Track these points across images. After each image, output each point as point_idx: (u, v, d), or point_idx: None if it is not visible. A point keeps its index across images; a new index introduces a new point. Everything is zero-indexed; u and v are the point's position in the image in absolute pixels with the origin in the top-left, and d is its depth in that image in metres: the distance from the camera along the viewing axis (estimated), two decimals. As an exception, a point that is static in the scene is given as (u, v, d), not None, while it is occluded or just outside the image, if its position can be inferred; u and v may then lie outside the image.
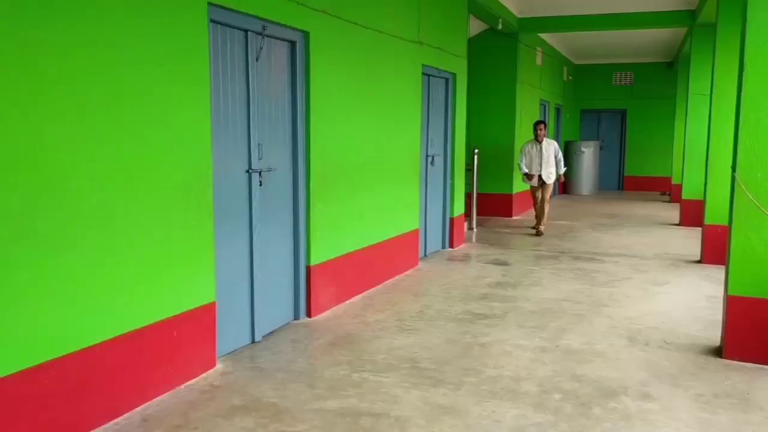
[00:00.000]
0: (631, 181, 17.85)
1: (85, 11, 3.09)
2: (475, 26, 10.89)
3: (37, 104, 2.87)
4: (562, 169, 9.85)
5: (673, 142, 14.79)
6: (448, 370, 4.14)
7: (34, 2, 2.84)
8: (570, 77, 16.84)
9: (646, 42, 14.19)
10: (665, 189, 16.22)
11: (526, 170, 9.74)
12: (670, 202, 14.58)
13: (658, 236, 9.79)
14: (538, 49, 13.17)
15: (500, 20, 10.04)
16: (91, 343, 3.20)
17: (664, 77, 16.89)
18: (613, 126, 18.08)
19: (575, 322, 5.25)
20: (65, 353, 3.06)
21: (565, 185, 16.76)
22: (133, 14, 3.37)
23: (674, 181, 14.19)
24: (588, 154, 16.36)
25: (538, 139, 9.67)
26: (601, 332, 4.98)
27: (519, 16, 11.22)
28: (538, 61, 13.29)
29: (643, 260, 7.87)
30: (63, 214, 3.02)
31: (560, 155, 9.78)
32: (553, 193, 14.42)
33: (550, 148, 9.71)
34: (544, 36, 13.34)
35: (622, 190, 17.93)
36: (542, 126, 9.72)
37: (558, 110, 15.92)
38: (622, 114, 17.83)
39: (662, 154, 16.81)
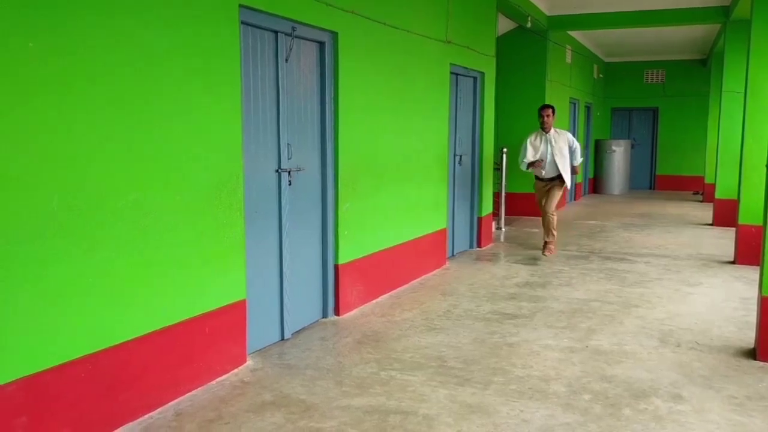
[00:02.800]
0: (663, 180, 17.56)
1: (121, 15, 3.16)
2: (504, 24, 10.84)
3: (74, 105, 2.95)
4: (578, 160, 8.01)
5: (706, 141, 14.53)
6: (475, 369, 4.14)
7: (72, 10, 2.91)
8: (600, 75, 16.64)
9: (679, 39, 13.95)
10: (698, 188, 15.93)
11: (531, 159, 7.90)
12: (702, 201, 14.31)
13: (691, 236, 9.63)
14: (568, 46, 13.05)
15: (529, 18, 9.98)
16: (126, 339, 3.28)
17: (697, 75, 16.59)
18: (645, 124, 17.81)
19: (605, 322, 5.20)
20: (101, 348, 3.14)
21: (595, 185, 16.59)
22: (166, 18, 3.43)
23: (707, 181, 13.94)
24: (619, 153, 16.15)
25: (544, 129, 7.83)
26: (631, 333, 4.93)
27: (548, 14, 11.14)
28: (568, 59, 13.17)
29: (675, 260, 7.76)
30: (99, 212, 3.09)
31: (576, 145, 7.95)
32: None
33: (561, 139, 7.87)
34: (573, 34, 13.21)
35: (654, 189, 17.65)
36: (549, 111, 7.77)
37: (588, 108, 15.75)
38: (654, 112, 17.56)
39: (695, 152, 16.52)
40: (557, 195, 8.02)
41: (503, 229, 9.99)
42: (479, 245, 8.51)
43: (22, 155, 2.73)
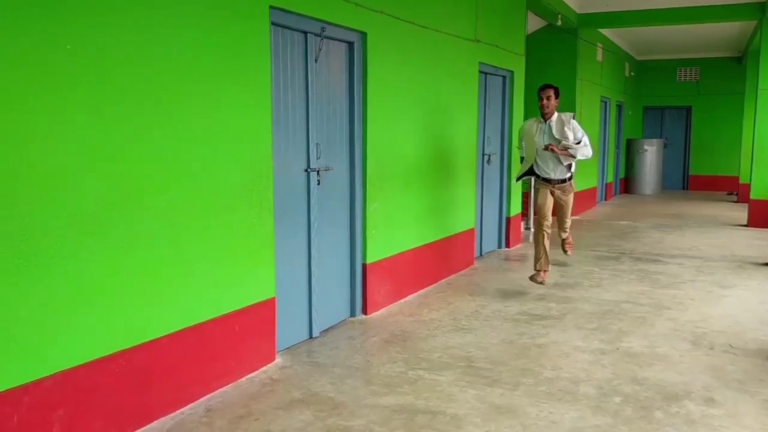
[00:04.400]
0: (696, 180, 17.25)
1: (153, 18, 3.22)
2: (534, 23, 10.75)
3: (109, 105, 3.01)
4: (583, 152, 5.83)
5: (741, 140, 14.24)
6: (504, 370, 4.12)
7: (108, 10, 2.97)
8: (632, 73, 16.40)
9: (713, 36, 13.68)
10: (732, 189, 15.61)
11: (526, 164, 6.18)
12: (737, 202, 14.03)
13: (725, 237, 9.44)
14: (599, 44, 12.89)
15: (559, 16, 9.88)
16: (159, 336, 3.34)
17: (731, 72, 16.25)
18: (678, 123, 17.50)
19: (636, 324, 5.13)
20: (134, 344, 3.20)
21: (626, 185, 16.35)
22: (197, 20, 3.49)
23: (742, 181, 13.66)
24: (651, 152, 15.90)
25: (544, 115, 5.92)
26: (663, 335, 4.85)
27: (579, 11, 11.01)
28: (599, 57, 13.00)
29: (708, 262, 7.61)
30: (133, 211, 3.15)
31: (584, 136, 5.87)
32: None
33: (566, 126, 5.84)
34: (604, 31, 13.04)
35: (687, 189, 17.34)
36: (550, 93, 5.89)
37: (619, 107, 15.53)
38: (687, 111, 17.25)
39: (729, 152, 16.19)
40: (569, 204, 6.11)
41: (532, 230, 9.90)
42: (508, 245, 8.46)
43: (60, 155, 2.80)
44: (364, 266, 5.27)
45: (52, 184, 2.77)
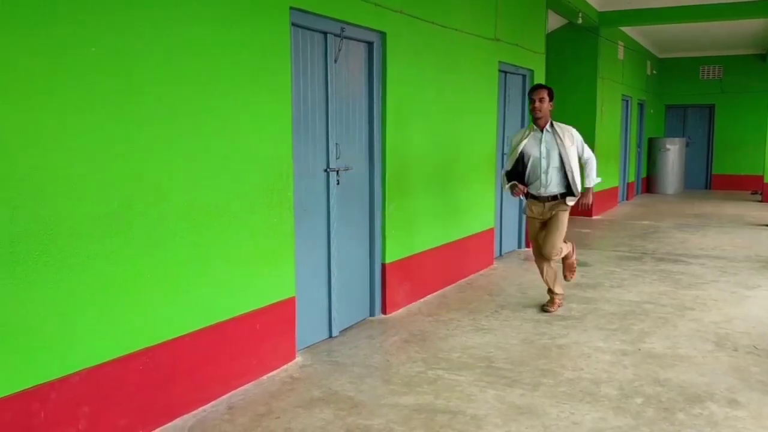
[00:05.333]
0: (719, 179, 17.01)
1: (176, 20, 3.26)
2: (554, 21, 10.68)
3: (133, 108, 3.06)
4: (595, 179, 5.29)
5: (765, 139, 14.01)
6: (524, 370, 4.11)
7: (132, 12, 3.02)
8: (654, 71, 16.23)
9: (737, 33, 13.49)
10: (756, 188, 15.36)
11: (509, 167, 5.34)
12: (761, 201, 13.81)
13: (748, 237, 9.30)
14: (620, 43, 12.77)
15: (580, 14, 9.81)
16: (181, 334, 3.38)
17: (755, 70, 16.00)
18: (700, 122, 17.27)
19: (658, 325, 5.08)
20: (157, 342, 3.25)
21: (648, 184, 16.18)
22: (219, 21, 3.52)
23: (766, 180, 13.44)
24: (673, 151, 15.71)
25: (536, 120, 5.12)
26: (685, 336, 4.80)
27: (600, 9, 10.92)
28: (620, 55, 12.89)
29: (732, 262, 7.51)
30: (156, 212, 3.20)
31: (588, 152, 5.24)
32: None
33: (566, 137, 5.13)
34: (626, 29, 12.91)
35: (710, 189, 17.11)
36: (543, 94, 5.07)
37: (641, 106, 15.38)
38: (710, 109, 17.01)
39: (753, 151, 15.92)
40: (561, 226, 5.15)
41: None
42: (528, 245, 8.42)
43: (86, 157, 2.85)
44: (383, 266, 5.28)
45: (77, 184, 2.82)
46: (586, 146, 5.28)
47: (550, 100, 5.16)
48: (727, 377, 4.00)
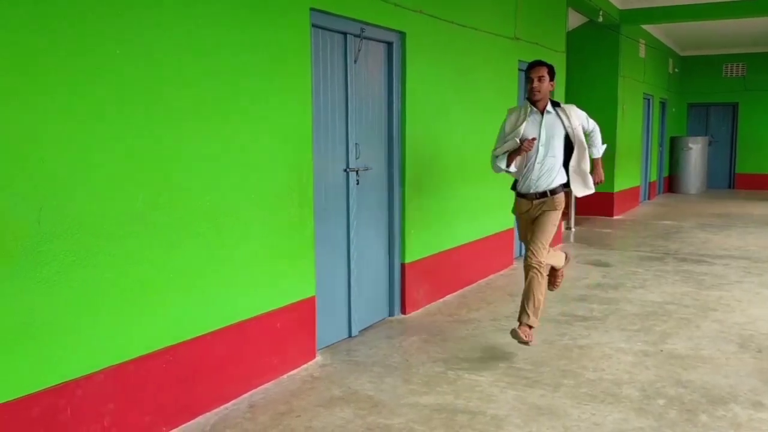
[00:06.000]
0: (743, 179, 16.75)
1: (199, 23, 3.29)
2: (574, 19, 10.61)
3: (156, 109, 3.10)
4: (600, 147, 4.69)
5: (791, 137, 13.79)
6: (545, 371, 4.09)
7: (157, 14, 3.06)
8: (676, 69, 16.04)
9: (761, 30, 13.28)
10: (782, 187, 15.13)
11: (507, 168, 4.50)
12: (787, 201, 13.60)
13: (774, 237, 9.17)
14: (641, 40, 12.64)
15: (601, 12, 9.73)
16: (203, 332, 3.41)
17: (781, 67, 15.76)
18: (724, 120, 17.03)
19: (681, 326, 5.03)
20: (180, 341, 3.28)
21: (670, 183, 15.99)
22: (241, 24, 3.55)
23: (792, 179, 13.23)
24: (696, 150, 15.52)
25: (534, 102, 4.39)
26: (708, 337, 4.75)
27: (621, 7, 10.83)
28: (641, 53, 12.76)
29: (756, 263, 7.40)
30: (179, 211, 3.23)
31: (593, 124, 4.62)
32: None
33: (573, 118, 4.40)
34: (647, 27, 12.78)
35: (733, 188, 16.87)
36: (543, 71, 4.35)
37: (663, 104, 15.21)
38: (734, 107, 16.77)
39: (779, 149, 15.69)
40: (550, 225, 4.40)
41: (573, 230, 9.79)
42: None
43: (111, 158, 2.89)
44: (402, 266, 5.29)
45: (102, 185, 2.87)
46: (589, 118, 4.59)
47: (551, 79, 4.39)
48: (751, 379, 3.95)
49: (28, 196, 2.59)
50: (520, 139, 4.31)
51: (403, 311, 5.34)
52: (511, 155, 4.40)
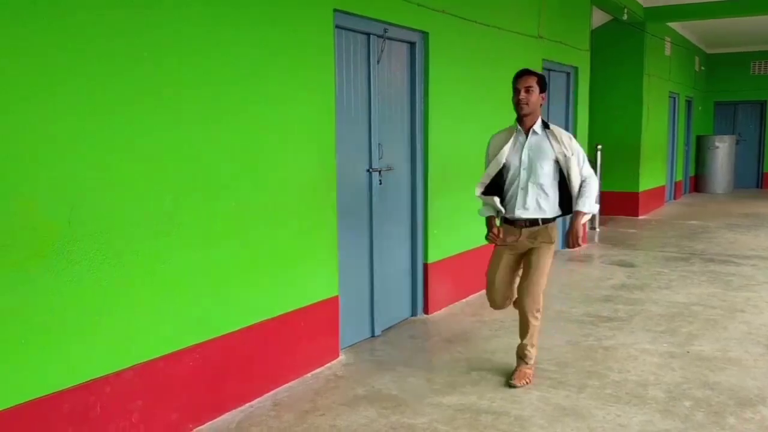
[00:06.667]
0: (771, 178, 16.47)
1: (224, 24, 3.33)
2: (598, 17, 10.51)
3: (182, 110, 3.14)
4: (592, 204, 3.82)
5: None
6: (569, 372, 4.07)
7: (187, 21, 3.10)
8: (702, 67, 15.80)
9: (791, 27, 13.03)
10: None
11: (490, 207, 4.00)
12: (818, 200, 13.33)
13: (804, 238, 9.00)
14: (667, 38, 12.48)
15: (625, 10, 9.63)
16: (229, 331, 3.45)
17: (811, 64, 15.44)
18: (752, 118, 16.73)
19: (708, 327, 4.97)
20: (207, 339, 3.33)
21: (696, 183, 15.76)
22: (266, 26, 3.58)
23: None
24: (722, 149, 15.27)
25: (522, 117, 3.84)
26: (736, 339, 4.68)
27: (645, 5, 10.70)
28: (667, 51, 12.59)
29: (786, 263, 7.28)
30: (206, 211, 3.28)
31: (589, 170, 3.85)
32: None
33: (563, 143, 3.79)
34: (672, 25, 12.61)
35: (761, 187, 16.56)
36: (532, 82, 3.78)
37: (689, 103, 15.00)
38: (762, 105, 16.46)
39: (809, 148, 15.38)
40: (543, 266, 3.84)
41: (597, 230, 9.70)
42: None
43: (140, 158, 2.94)
44: (425, 266, 5.29)
45: (131, 185, 2.92)
46: (586, 161, 3.85)
47: (542, 91, 3.80)
48: (781, 382, 3.89)
49: (60, 197, 2.64)
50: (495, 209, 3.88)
51: (426, 311, 5.34)
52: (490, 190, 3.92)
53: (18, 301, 2.52)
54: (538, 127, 3.84)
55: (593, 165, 9.12)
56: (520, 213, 3.84)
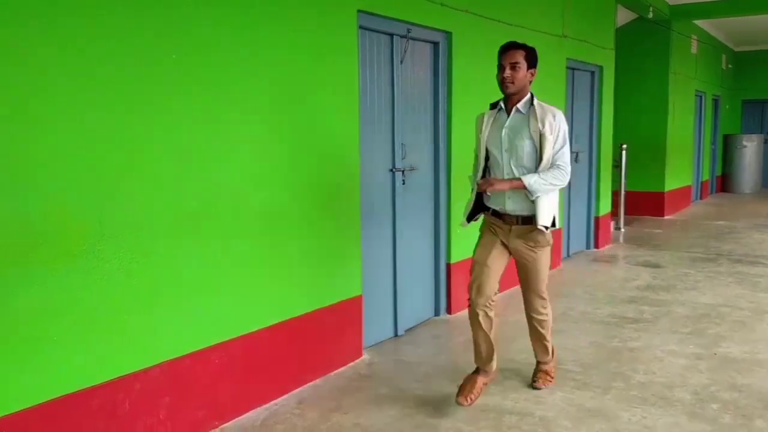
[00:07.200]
0: (801, 177, 16.14)
1: (248, 26, 3.37)
2: (623, 16, 10.40)
3: (208, 110, 3.18)
4: (540, 187, 3.35)
5: None
6: (594, 373, 4.04)
7: (214, 18, 3.14)
8: (729, 65, 15.54)
9: (822, 23, 12.77)
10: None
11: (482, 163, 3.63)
12: None
13: (835, 238, 8.82)
14: (693, 36, 12.31)
15: (651, 9, 9.51)
16: (255, 329, 3.49)
17: (843, 61, 15.11)
18: (781, 117, 16.43)
19: (735, 329, 4.89)
20: (232, 337, 3.36)
21: (723, 183, 15.51)
22: (291, 28, 3.61)
23: None
24: (750, 148, 15.01)
25: (507, 97, 3.50)
26: (765, 340, 4.60)
27: (671, 3, 10.56)
28: (693, 49, 12.42)
29: (817, 265, 7.14)
30: (232, 210, 3.32)
31: (563, 157, 3.41)
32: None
33: (545, 123, 3.36)
34: (699, 23, 12.43)
35: (791, 187, 16.27)
36: (518, 57, 3.42)
37: (716, 101, 14.77)
38: (792, 104, 16.17)
39: (841, 147, 15.04)
40: (542, 266, 3.56)
41: (622, 230, 9.60)
42: (596, 246, 8.24)
43: (168, 158, 2.99)
44: (448, 266, 5.29)
45: (159, 185, 2.96)
46: (566, 150, 3.39)
47: (530, 66, 3.41)
48: (812, 385, 3.82)
49: (90, 197, 2.70)
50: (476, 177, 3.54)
51: (449, 311, 5.33)
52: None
53: (49, 299, 2.57)
54: (522, 105, 3.42)
55: (618, 165, 9.09)
56: (506, 206, 3.43)
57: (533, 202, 3.38)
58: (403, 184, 4.76)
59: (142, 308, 2.92)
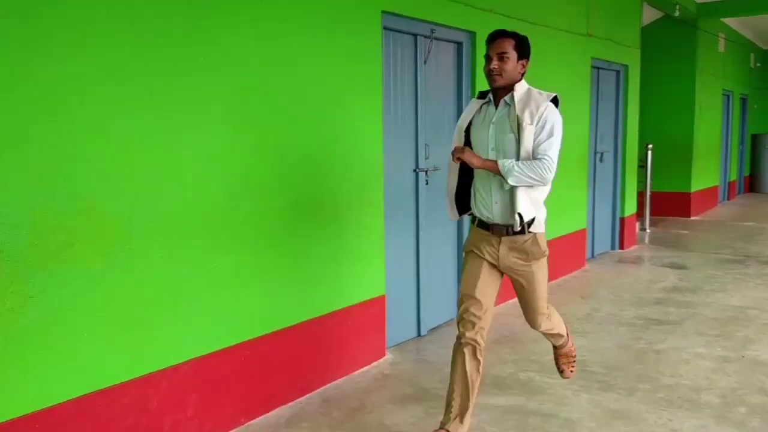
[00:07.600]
0: (832, 177, 15.80)
1: (279, 30, 3.40)
2: (649, 14, 10.28)
3: (235, 112, 3.22)
4: (518, 177, 2.82)
5: None
6: (619, 375, 4.01)
7: (241, 21, 3.18)
8: (758, 64, 15.28)
9: None
10: None
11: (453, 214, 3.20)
12: None
13: None
14: (721, 35, 12.12)
15: (677, 6, 9.40)
16: (280, 327, 3.52)
17: None
18: (811, 116, 16.11)
19: (764, 331, 4.82)
20: (259, 335, 3.40)
21: (751, 183, 15.26)
22: (318, 31, 3.64)
23: None
24: (779, 148, 14.77)
25: (494, 89, 3.01)
26: (795, 344, 4.53)
27: (698, 1, 10.42)
28: (721, 48, 12.23)
29: None
30: (258, 211, 3.35)
31: (553, 147, 2.90)
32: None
33: (526, 112, 2.91)
34: (727, 21, 12.24)
35: (821, 188, 15.94)
36: (506, 46, 2.93)
37: (743, 101, 14.54)
38: (823, 102, 15.85)
39: None
40: (539, 284, 3.14)
41: (648, 231, 9.50)
42: (621, 247, 8.16)
43: (197, 157, 3.03)
44: (472, 266, 5.27)
45: (189, 184, 3.01)
46: (553, 142, 2.91)
47: (521, 57, 3.00)
48: (844, 389, 3.76)
49: (121, 196, 2.75)
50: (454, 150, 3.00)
51: (472, 311, 5.32)
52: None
53: (82, 297, 2.63)
54: (509, 96, 2.98)
55: (643, 165, 8.99)
56: (496, 216, 2.97)
57: (510, 192, 2.90)
58: (427, 184, 4.77)
59: (170, 306, 2.97)
